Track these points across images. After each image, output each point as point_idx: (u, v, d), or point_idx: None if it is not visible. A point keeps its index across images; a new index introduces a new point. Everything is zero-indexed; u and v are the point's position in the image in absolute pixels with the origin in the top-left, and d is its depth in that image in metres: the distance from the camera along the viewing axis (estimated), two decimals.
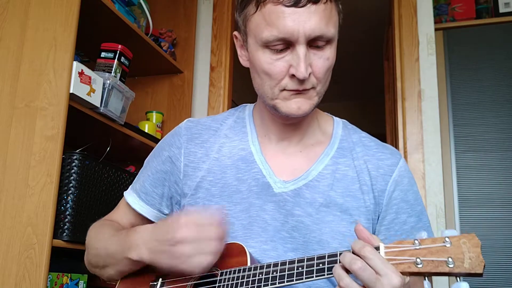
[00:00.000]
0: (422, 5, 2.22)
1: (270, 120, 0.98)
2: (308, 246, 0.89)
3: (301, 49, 0.83)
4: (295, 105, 0.88)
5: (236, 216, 0.93)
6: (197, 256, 0.79)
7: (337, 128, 1.02)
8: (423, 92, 2.13)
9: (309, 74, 0.85)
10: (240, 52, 0.96)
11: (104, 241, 0.96)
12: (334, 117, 1.06)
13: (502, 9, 2.26)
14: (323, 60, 0.86)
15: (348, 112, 4.82)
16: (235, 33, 0.96)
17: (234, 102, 3.91)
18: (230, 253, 0.86)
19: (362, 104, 5.08)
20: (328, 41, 0.85)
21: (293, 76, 0.85)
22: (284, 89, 0.87)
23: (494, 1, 2.29)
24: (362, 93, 4.95)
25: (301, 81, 0.85)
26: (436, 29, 2.20)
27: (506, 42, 2.19)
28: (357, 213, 0.92)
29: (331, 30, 0.84)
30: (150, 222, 1.04)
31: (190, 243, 0.79)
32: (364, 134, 1.03)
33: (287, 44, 0.84)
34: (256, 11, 0.85)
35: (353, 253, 0.71)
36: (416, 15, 2.20)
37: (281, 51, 0.85)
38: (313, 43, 0.84)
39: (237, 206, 0.94)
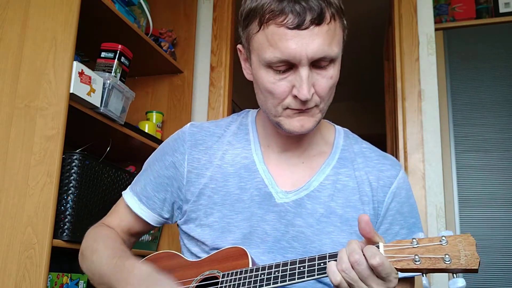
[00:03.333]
0: (422, 5, 2.22)
1: (273, 133, 0.99)
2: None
3: (304, 71, 0.82)
4: (298, 123, 0.88)
5: (237, 224, 0.94)
6: None
7: (338, 137, 1.02)
8: (423, 92, 2.13)
9: (312, 94, 0.85)
10: (245, 65, 0.96)
11: (100, 260, 0.94)
12: (336, 126, 1.07)
13: (502, 9, 2.26)
14: (326, 79, 0.86)
15: (349, 112, 4.82)
16: (239, 46, 0.95)
17: (234, 102, 3.91)
18: (232, 256, 0.86)
19: (362, 104, 5.08)
20: (332, 60, 0.85)
21: (295, 96, 0.85)
22: (288, 108, 0.87)
23: (494, 1, 2.29)
24: (362, 93, 4.95)
25: (304, 102, 0.85)
26: (436, 29, 2.20)
27: (506, 42, 2.19)
28: (356, 224, 0.92)
29: (335, 50, 0.84)
30: (150, 225, 1.04)
31: None
32: (365, 144, 1.03)
33: (290, 65, 0.83)
34: (259, 30, 0.84)
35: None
36: (416, 15, 2.20)
37: (284, 71, 0.84)
38: (316, 63, 0.84)
39: (238, 215, 0.94)
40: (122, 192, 1.07)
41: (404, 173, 1.00)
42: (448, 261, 0.68)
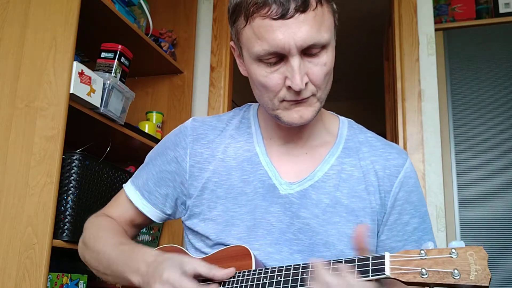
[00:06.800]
0: (422, 5, 2.22)
1: (274, 125, 0.98)
2: (314, 248, 0.89)
3: (294, 60, 0.81)
4: (297, 114, 0.87)
5: (241, 218, 0.93)
6: None
7: (342, 127, 1.01)
8: (423, 92, 2.13)
9: (306, 83, 0.83)
10: (239, 61, 0.95)
11: (105, 248, 0.93)
12: (339, 116, 1.05)
13: (502, 9, 2.27)
14: (320, 66, 0.84)
15: (349, 112, 4.82)
16: (231, 43, 0.94)
17: (234, 102, 3.91)
18: (235, 256, 0.86)
19: (362, 104, 5.08)
20: (323, 47, 0.83)
21: (290, 87, 0.83)
22: (284, 100, 0.86)
23: (494, 2, 2.29)
24: (363, 93, 4.95)
25: (299, 92, 0.83)
26: (436, 29, 2.20)
27: (506, 42, 2.19)
28: (362, 214, 0.91)
29: (324, 35, 0.82)
30: (152, 221, 1.04)
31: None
32: (370, 133, 1.02)
33: (280, 56, 0.82)
34: (245, 25, 0.83)
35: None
36: (416, 15, 2.20)
37: (275, 63, 0.83)
38: (307, 51, 0.82)
39: (242, 208, 0.93)
40: (123, 185, 1.06)
41: (411, 162, 0.99)
42: (457, 276, 0.65)
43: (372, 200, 0.93)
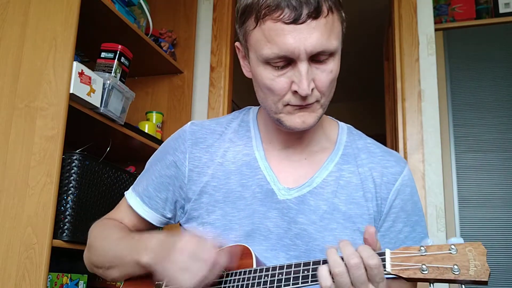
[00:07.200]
0: (422, 5, 2.22)
1: (274, 129, 0.98)
2: (310, 254, 0.89)
3: (303, 66, 0.81)
4: (299, 119, 0.87)
5: (239, 222, 0.93)
6: (187, 271, 0.78)
7: (341, 134, 1.01)
8: (423, 92, 2.13)
9: (312, 89, 0.84)
10: (243, 63, 0.95)
11: (111, 242, 0.94)
12: (339, 122, 1.05)
13: (502, 9, 2.27)
14: (326, 73, 0.84)
15: (348, 112, 4.82)
16: (237, 44, 0.94)
17: (234, 102, 3.91)
18: (236, 255, 0.86)
19: (362, 104, 5.08)
20: (331, 54, 0.84)
21: (295, 92, 0.83)
22: (288, 104, 0.86)
23: (494, 2, 2.30)
24: (363, 93, 4.95)
25: (305, 97, 0.84)
26: (436, 29, 2.20)
27: (506, 42, 2.20)
28: (360, 221, 0.92)
29: (334, 43, 0.82)
30: (153, 226, 1.04)
31: (186, 256, 0.79)
32: (369, 140, 1.02)
33: (289, 61, 0.82)
34: (255, 27, 0.83)
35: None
36: (416, 15, 2.20)
37: (282, 67, 0.83)
38: (315, 57, 0.82)
39: (240, 212, 0.93)
40: (125, 192, 1.06)
41: (409, 170, 0.99)
42: (457, 271, 0.66)
43: (370, 207, 0.93)
